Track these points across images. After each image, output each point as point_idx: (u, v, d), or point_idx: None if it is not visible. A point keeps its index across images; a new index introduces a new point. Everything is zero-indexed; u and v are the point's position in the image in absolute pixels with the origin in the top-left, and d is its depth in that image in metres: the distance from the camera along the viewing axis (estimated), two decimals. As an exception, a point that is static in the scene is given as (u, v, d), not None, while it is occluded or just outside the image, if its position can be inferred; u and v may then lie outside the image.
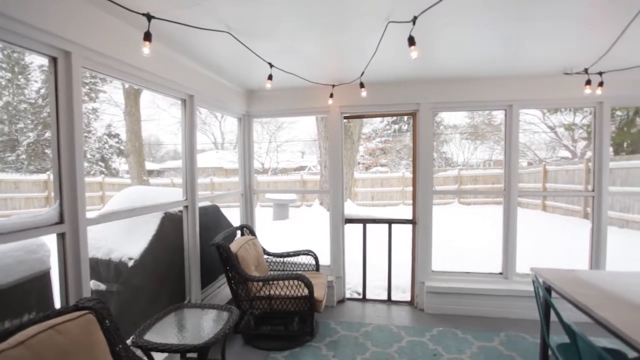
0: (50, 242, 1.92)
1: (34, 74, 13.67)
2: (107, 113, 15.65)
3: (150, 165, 20.01)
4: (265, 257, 3.57)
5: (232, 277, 2.86)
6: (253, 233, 3.66)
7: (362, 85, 3.06)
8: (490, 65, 3.02)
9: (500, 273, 3.60)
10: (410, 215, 3.78)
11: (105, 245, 2.79)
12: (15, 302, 2.00)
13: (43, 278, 2.15)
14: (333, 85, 3.45)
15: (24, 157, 13.32)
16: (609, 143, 3.36)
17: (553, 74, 3.22)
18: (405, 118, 17.79)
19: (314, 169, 18.91)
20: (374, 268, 4.45)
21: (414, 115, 3.65)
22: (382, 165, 19.57)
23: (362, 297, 3.96)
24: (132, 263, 2.66)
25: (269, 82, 2.76)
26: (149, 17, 1.81)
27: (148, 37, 1.80)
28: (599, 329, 1.75)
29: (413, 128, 3.72)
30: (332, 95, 3.42)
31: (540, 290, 2.11)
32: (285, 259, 3.62)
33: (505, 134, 3.54)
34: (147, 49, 1.82)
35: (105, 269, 2.72)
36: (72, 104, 1.71)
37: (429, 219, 3.64)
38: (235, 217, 4.11)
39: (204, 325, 2.14)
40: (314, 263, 3.56)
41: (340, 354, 2.78)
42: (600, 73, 2.97)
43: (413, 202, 3.75)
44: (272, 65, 2.78)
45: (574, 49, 2.59)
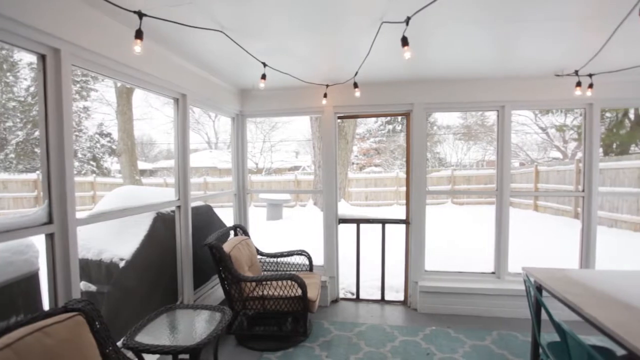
0: (39, 242, 1.89)
1: (23, 72, 13.43)
2: (98, 112, 15.46)
3: (143, 165, 19.81)
4: (259, 257, 3.56)
5: (225, 277, 2.84)
6: (246, 233, 3.65)
7: (356, 86, 3.06)
8: (483, 67, 3.04)
9: (493, 272, 3.63)
10: (404, 215, 3.80)
11: (96, 246, 2.75)
12: (3, 304, 1.96)
13: (31, 279, 2.12)
14: (327, 85, 3.45)
15: (13, 156, 13.08)
16: (599, 144, 3.41)
17: (544, 76, 3.26)
18: (399, 118, 17.87)
19: (308, 169, 18.89)
20: (368, 268, 4.46)
21: (408, 116, 3.67)
22: (376, 166, 19.63)
23: (355, 297, 3.97)
24: (123, 264, 2.63)
25: (263, 81, 2.75)
26: (140, 14, 1.79)
27: (139, 35, 1.78)
28: (589, 327, 1.78)
29: (407, 128, 3.73)
30: (325, 95, 3.42)
31: (532, 290, 2.13)
32: (279, 259, 3.61)
33: (498, 135, 3.57)
34: (138, 47, 1.80)
35: (96, 270, 2.69)
36: (61, 102, 1.69)
37: (422, 219, 3.65)
38: (229, 217, 4.09)
39: (197, 326, 2.12)
40: (308, 263, 3.56)
41: (334, 354, 2.78)
42: (590, 75, 3.01)
43: (406, 202, 3.77)
44: (265, 65, 2.77)
45: (565, 51, 2.62)
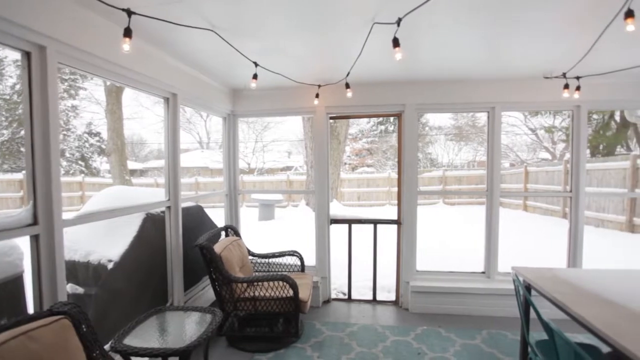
0: (24, 244, 1.84)
1: (9, 69, 13.12)
2: (87, 111, 15.19)
3: (133, 165, 19.55)
4: (250, 258, 3.54)
5: (215, 278, 2.82)
6: (238, 234, 3.62)
7: (347, 86, 3.07)
8: (474, 68, 3.08)
9: (483, 272, 3.67)
10: (396, 216, 3.81)
11: (84, 247, 2.70)
12: (-14, 307, 1.91)
13: (15, 282, 2.07)
14: (319, 86, 3.44)
15: (-2, 155, 12.79)
16: (586, 145, 3.48)
17: (533, 78, 3.31)
18: (392, 119, 17.97)
19: (301, 169, 18.87)
20: (360, 268, 4.46)
21: (399, 116, 3.69)
22: (368, 166, 19.71)
23: (347, 297, 3.97)
24: (111, 265, 2.59)
25: (254, 81, 2.74)
26: (129, 12, 1.76)
27: (128, 33, 1.76)
28: (576, 325, 1.81)
29: (398, 129, 3.75)
30: (317, 96, 3.41)
31: (521, 289, 2.16)
32: (271, 260, 3.60)
33: (488, 136, 3.61)
34: (127, 46, 1.77)
35: (84, 272, 2.64)
36: (47, 101, 1.65)
37: (414, 219, 3.67)
38: (220, 217, 4.06)
39: (187, 328, 2.10)
40: (300, 264, 3.55)
41: (326, 355, 2.78)
42: (578, 77, 3.07)
43: (398, 202, 3.79)
44: (257, 65, 2.75)
45: (553, 54, 2.67)
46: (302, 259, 3.56)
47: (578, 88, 2.98)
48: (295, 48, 2.54)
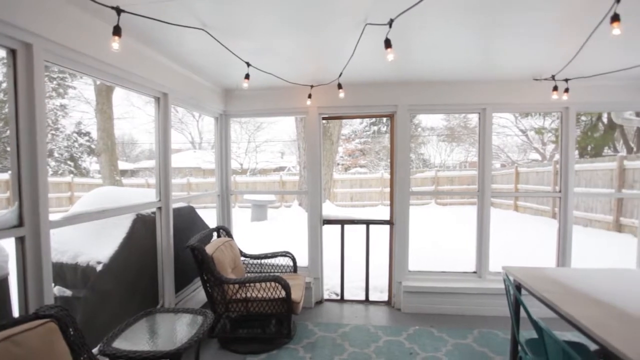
0: (9, 246, 1.80)
1: (-6, 67, 12.85)
2: (77, 110, 14.94)
3: (124, 165, 19.32)
4: (242, 259, 3.52)
5: (207, 280, 2.79)
6: (230, 235, 3.60)
7: (340, 87, 3.07)
8: (465, 69, 3.10)
9: (474, 272, 3.70)
10: (388, 216, 3.83)
11: (72, 249, 2.65)
12: (-31, 311, 1.86)
13: (0, 285, 2.02)
14: (311, 86, 3.44)
15: (-16, 155, 12.50)
16: (575, 146, 3.53)
17: (523, 80, 3.35)
18: (384, 120, 18.06)
19: (294, 170, 18.84)
20: (352, 269, 4.47)
21: (392, 117, 3.70)
22: (361, 166, 19.77)
23: (340, 297, 3.97)
24: (100, 267, 2.54)
25: (246, 81, 2.72)
26: (119, 10, 1.74)
27: (117, 31, 1.73)
28: (565, 324, 1.83)
29: (391, 130, 3.77)
30: (310, 96, 3.41)
31: (511, 288, 2.18)
32: (263, 261, 3.58)
33: (479, 137, 3.65)
34: (116, 44, 1.75)
35: (72, 274, 2.59)
36: (33, 99, 1.62)
37: (406, 220, 3.69)
38: (212, 218, 4.02)
39: (178, 331, 2.08)
40: (292, 264, 3.54)
41: (318, 356, 2.77)
42: (566, 80, 3.11)
43: (390, 203, 3.80)
44: (249, 65, 2.73)
45: (543, 56, 2.71)
46: (294, 260, 3.55)
47: (566, 90, 3.03)
48: (288, 48, 2.53)
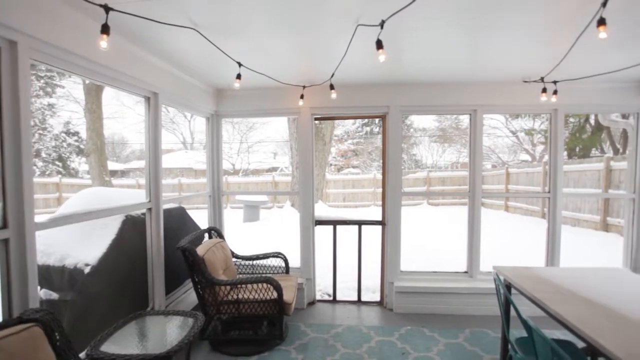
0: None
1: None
2: (65, 109, 14.67)
3: (114, 166, 19.05)
4: (234, 260, 3.49)
5: (198, 281, 2.76)
6: (221, 236, 3.57)
7: (332, 87, 3.07)
8: (456, 71, 3.13)
9: (466, 272, 3.73)
10: (380, 217, 3.84)
11: (59, 251, 2.60)
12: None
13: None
14: (304, 87, 3.43)
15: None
16: (563, 147, 3.59)
17: (514, 81, 3.39)
18: (377, 121, 18.13)
19: (286, 170, 18.80)
20: (345, 269, 4.47)
21: (384, 118, 3.72)
22: (354, 167, 19.82)
23: (332, 298, 3.97)
24: (88, 269, 2.50)
25: (238, 81, 2.70)
26: (107, 8, 1.71)
27: (106, 29, 1.70)
28: (553, 322, 1.86)
29: (383, 130, 3.78)
30: (302, 97, 3.40)
31: (501, 288, 2.21)
32: (255, 262, 3.56)
33: (470, 138, 3.68)
34: (104, 43, 1.72)
35: (59, 277, 2.54)
36: (18, 99, 1.58)
37: (398, 220, 3.70)
38: (204, 219, 3.99)
39: (168, 333, 2.05)
40: (284, 265, 3.52)
41: (310, 357, 2.76)
42: (555, 82, 3.17)
43: (383, 203, 3.81)
44: (240, 65, 2.72)
45: (532, 58, 2.74)
46: (286, 261, 3.53)
47: (555, 92, 3.08)
48: (280, 48, 2.52)
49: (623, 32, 2.18)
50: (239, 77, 2.69)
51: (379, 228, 3.83)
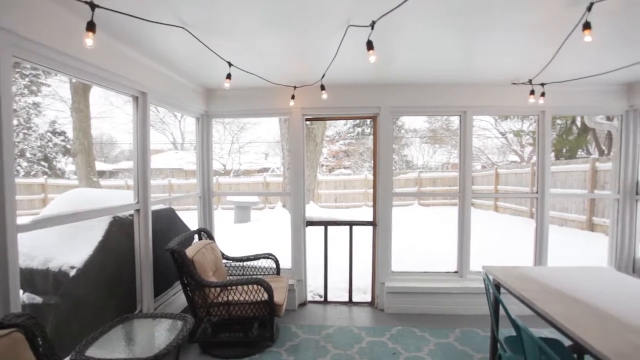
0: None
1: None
2: (51, 108, 14.36)
3: (102, 166, 18.73)
4: (225, 261, 3.45)
5: (188, 283, 2.72)
6: (211, 237, 3.53)
7: (323, 88, 3.06)
8: (446, 72, 3.16)
9: (456, 272, 3.76)
10: (371, 217, 3.84)
11: (43, 254, 2.53)
12: None
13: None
14: (295, 87, 3.42)
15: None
16: (551, 149, 3.65)
17: (502, 83, 3.44)
18: (368, 121, 18.21)
19: (277, 171, 18.74)
20: (336, 270, 4.47)
21: (375, 119, 3.73)
22: (345, 168, 19.86)
23: (323, 299, 3.96)
24: (74, 272, 2.44)
25: (228, 81, 2.68)
26: (93, 5, 1.67)
27: (91, 27, 1.66)
28: (542, 321, 1.88)
29: (374, 131, 3.79)
30: (293, 97, 3.39)
31: (490, 287, 2.23)
32: (245, 263, 3.53)
33: (460, 139, 3.72)
34: (90, 40, 1.68)
35: (42, 280, 2.47)
36: (-1, 97, 1.54)
37: (389, 221, 3.72)
38: (194, 220, 3.94)
39: (156, 336, 2.02)
40: (275, 267, 3.50)
41: (301, 358, 2.75)
42: (542, 84, 3.22)
43: (374, 204, 3.82)
44: (231, 64, 2.69)
45: (521, 60, 2.78)
46: (277, 262, 3.51)
47: (543, 94, 3.13)
48: (270, 48, 2.50)
49: (609, 35, 2.23)
50: (229, 77, 2.67)
51: (370, 229, 3.84)
